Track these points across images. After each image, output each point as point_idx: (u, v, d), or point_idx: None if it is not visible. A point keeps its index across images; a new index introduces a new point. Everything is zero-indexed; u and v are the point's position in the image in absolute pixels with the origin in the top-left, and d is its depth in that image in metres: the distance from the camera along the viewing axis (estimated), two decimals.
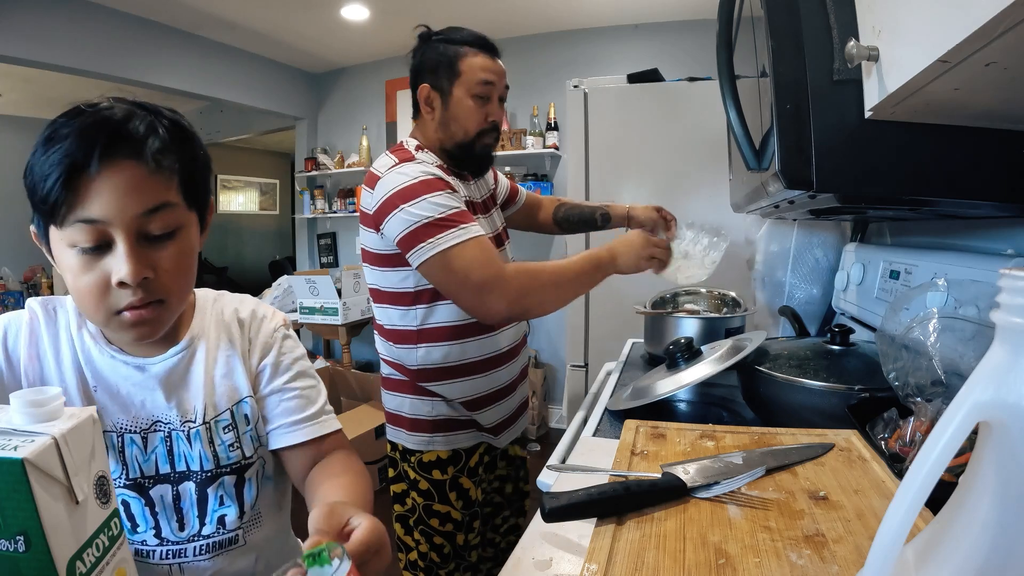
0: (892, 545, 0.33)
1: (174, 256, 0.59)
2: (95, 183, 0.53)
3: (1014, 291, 0.31)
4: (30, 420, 0.34)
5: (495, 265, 0.99)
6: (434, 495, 1.17)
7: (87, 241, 0.54)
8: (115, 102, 0.57)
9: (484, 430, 1.19)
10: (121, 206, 0.54)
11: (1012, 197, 0.68)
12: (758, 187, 0.95)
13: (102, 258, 0.55)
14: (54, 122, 0.54)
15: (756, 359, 0.91)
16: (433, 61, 1.14)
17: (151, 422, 0.64)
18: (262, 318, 0.75)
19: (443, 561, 1.19)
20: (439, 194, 1.00)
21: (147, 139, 0.55)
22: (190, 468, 0.65)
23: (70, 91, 4.41)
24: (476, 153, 1.14)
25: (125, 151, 0.54)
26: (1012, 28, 0.37)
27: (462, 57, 1.11)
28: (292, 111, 4.10)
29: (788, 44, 0.70)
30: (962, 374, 0.61)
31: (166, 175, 0.57)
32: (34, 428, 0.33)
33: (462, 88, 1.10)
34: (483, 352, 1.15)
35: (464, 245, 0.98)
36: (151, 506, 0.64)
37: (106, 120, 0.54)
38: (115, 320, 0.58)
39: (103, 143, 0.52)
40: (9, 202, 4.51)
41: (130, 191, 0.54)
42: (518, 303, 0.99)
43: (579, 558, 0.52)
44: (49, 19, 2.67)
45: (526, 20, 3.28)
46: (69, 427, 0.34)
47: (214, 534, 0.66)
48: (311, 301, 3.26)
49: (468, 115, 1.11)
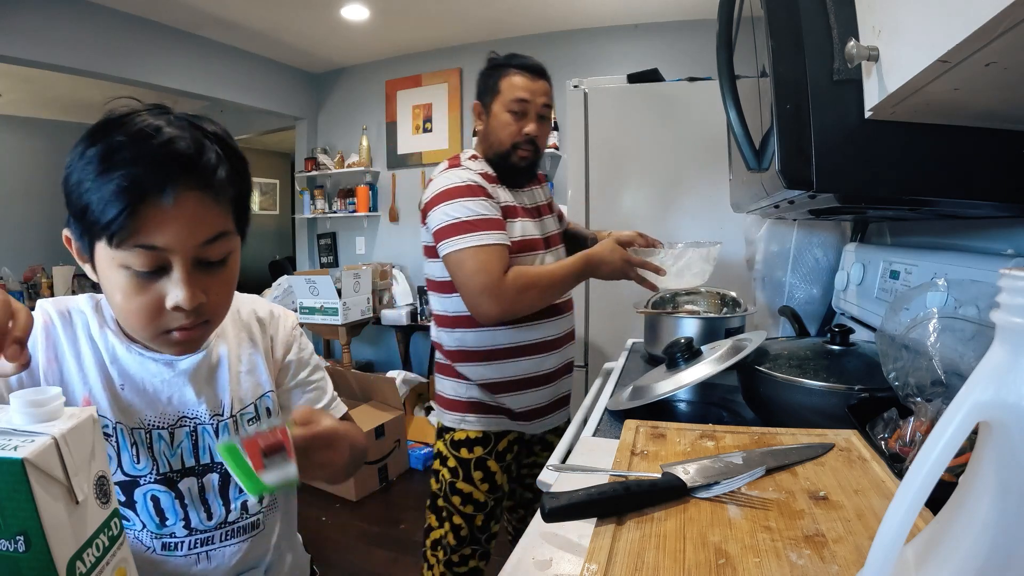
0: (892, 545, 0.33)
1: (225, 281, 0.61)
2: (162, 212, 0.53)
3: (1014, 291, 0.31)
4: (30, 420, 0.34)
5: (496, 274, 1.12)
6: (459, 473, 1.28)
7: (144, 266, 0.55)
8: (175, 124, 0.56)
9: (515, 417, 1.29)
10: (185, 236, 0.55)
11: (1012, 197, 0.68)
12: (758, 187, 0.95)
13: (156, 281, 0.56)
14: (107, 137, 0.53)
15: (756, 359, 0.91)
16: (483, 81, 1.28)
17: (178, 417, 0.66)
18: (279, 317, 0.79)
19: (459, 543, 1.29)
20: (473, 199, 1.16)
21: (216, 170, 0.56)
22: (214, 460, 0.68)
23: (70, 91, 4.42)
24: (512, 164, 1.26)
25: (195, 183, 0.54)
26: (1012, 28, 0.37)
27: (503, 77, 1.24)
28: (292, 111, 4.10)
29: (788, 44, 0.70)
30: (962, 374, 0.61)
31: (225, 205, 0.58)
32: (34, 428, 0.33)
33: (500, 104, 1.24)
34: (512, 341, 1.26)
35: (479, 249, 1.13)
36: (180, 499, 0.65)
37: (177, 152, 0.53)
38: (162, 338, 0.59)
39: (176, 175, 0.53)
40: (9, 202, 4.52)
41: (195, 221, 0.55)
42: (509, 311, 1.15)
43: (579, 558, 0.52)
44: (49, 19, 2.67)
45: (526, 20, 3.28)
46: (69, 427, 0.34)
47: (239, 519, 0.69)
48: (311, 301, 3.26)
49: (503, 128, 1.23)
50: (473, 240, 1.13)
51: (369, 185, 3.98)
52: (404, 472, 2.93)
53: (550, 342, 1.31)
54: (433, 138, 3.80)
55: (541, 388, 1.31)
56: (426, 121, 3.82)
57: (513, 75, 1.23)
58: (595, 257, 1.20)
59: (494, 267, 1.13)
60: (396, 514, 2.50)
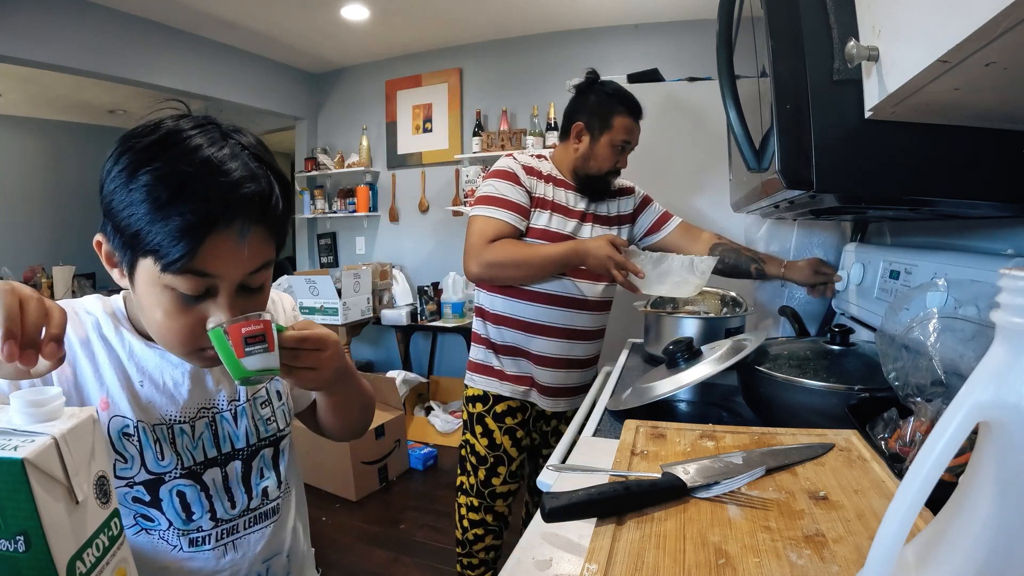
0: (892, 545, 0.33)
1: (261, 302, 0.62)
2: (220, 243, 0.53)
3: (1014, 291, 0.31)
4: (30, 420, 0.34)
5: (482, 240, 1.32)
6: (469, 426, 1.49)
7: (191, 291, 0.55)
8: (234, 153, 0.55)
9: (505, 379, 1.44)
10: (236, 266, 0.56)
11: (1012, 197, 0.68)
12: (758, 187, 0.95)
13: (199, 304, 0.57)
14: (164, 161, 0.52)
15: (756, 359, 0.91)
16: (593, 106, 1.41)
17: (198, 409, 0.66)
18: (278, 301, 0.81)
19: (469, 490, 1.49)
20: (501, 181, 1.37)
21: (274, 210, 0.57)
22: (235, 447, 0.69)
23: (70, 91, 4.41)
24: (599, 185, 1.45)
25: (258, 218, 0.55)
26: (1012, 28, 0.37)
27: (616, 114, 1.39)
28: (292, 111, 4.10)
29: (788, 44, 0.70)
30: (962, 374, 0.61)
31: (271, 234, 0.59)
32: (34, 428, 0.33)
33: (608, 137, 1.39)
34: (533, 317, 1.42)
35: (481, 219, 1.35)
36: (205, 491, 0.66)
37: (253, 194, 0.54)
38: (196, 355, 0.60)
39: (249, 215, 0.54)
40: (9, 202, 4.52)
41: (253, 254, 0.56)
42: (485, 271, 1.34)
43: (579, 558, 0.52)
44: (49, 19, 2.67)
45: (526, 20, 3.28)
46: (69, 427, 0.34)
47: (261, 505, 0.71)
48: (311, 301, 3.26)
49: (606, 158, 1.41)
50: (482, 211, 1.35)
51: (369, 185, 3.98)
52: (404, 472, 2.92)
53: (564, 330, 1.42)
54: (433, 138, 3.80)
55: (548, 368, 1.44)
56: (426, 121, 3.82)
57: (624, 116, 1.39)
58: (583, 248, 1.30)
59: (485, 234, 1.32)
60: (396, 514, 2.50)
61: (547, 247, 1.33)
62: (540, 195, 1.40)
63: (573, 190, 1.45)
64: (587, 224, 1.45)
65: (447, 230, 3.79)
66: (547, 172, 1.43)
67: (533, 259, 1.33)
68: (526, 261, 1.33)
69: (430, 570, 2.10)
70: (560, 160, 1.47)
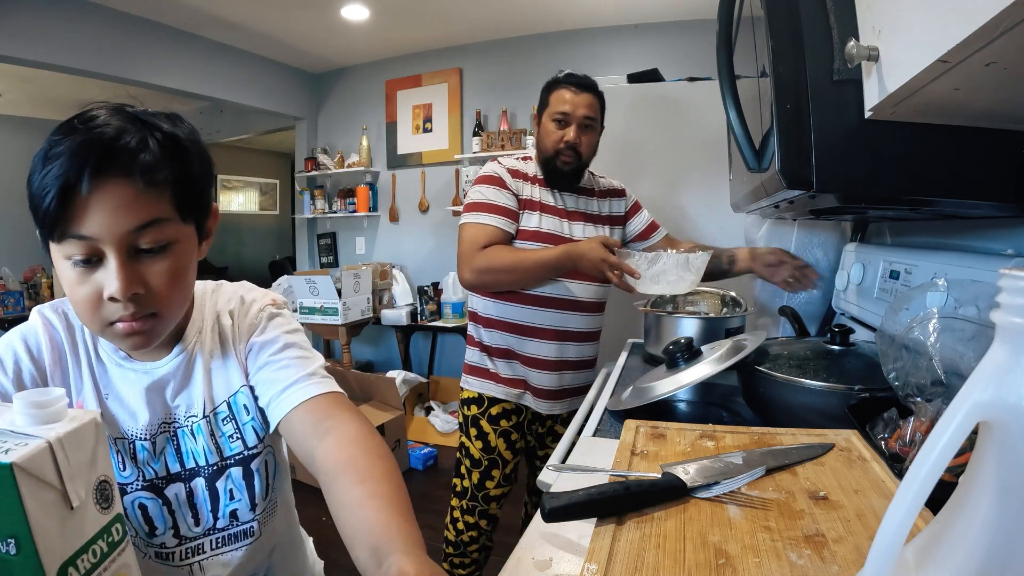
0: (892, 545, 0.33)
1: (166, 271, 0.58)
2: (87, 201, 0.53)
3: (1014, 291, 0.31)
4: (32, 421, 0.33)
5: (474, 246, 1.33)
6: (464, 428, 1.49)
7: (80, 254, 0.55)
8: (112, 115, 0.55)
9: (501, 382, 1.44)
10: (111, 224, 0.54)
11: (1012, 197, 0.68)
12: (758, 187, 0.95)
13: (96, 271, 0.56)
14: (51, 138, 0.54)
15: (756, 359, 0.91)
16: (541, 96, 1.45)
17: (159, 423, 0.65)
18: (250, 302, 0.73)
19: (462, 493, 1.48)
20: (488, 187, 1.38)
21: (137, 156, 0.54)
22: (198, 464, 0.66)
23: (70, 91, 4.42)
24: (556, 168, 1.41)
25: (115, 170, 0.53)
26: (1012, 28, 0.37)
27: (552, 91, 1.41)
28: (292, 111, 4.10)
29: (788, 44, 0.70)
30: (962, 374, 0.61)
31: (157, 191, 0.56)
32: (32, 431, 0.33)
33: (547, 115, 1.41)
34: (524, 319, 1.42)
35: (471, 226, 1.35)
36: (168, 505, 0.65)
37: (96, 139, 0.53)
38: (109, 331, 0.58)
39: (93, 163, 0.52)
40: (9, 202, 4.51)
41: (120, 209, 0.54)
42: (478, 277, 1.34)
43: (579, 558, 0.52)
44: (49, 19, 2.67)
45: (526, 20, 3.28)
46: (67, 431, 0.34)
47: (228, 527, 0.68)
48: (311, 301, 3.26)
49: (547, 136, 1.40)
50: (472, 218, 1.36)
51: (369, 185, 3.98)
52: (404, 472, 2.93)
53: (555, 332, 1.42)
54: (433, 138, 3.80)
55: (539, 370, 1.43)
56: (426, 121, 3.82)
57: (560, 89, 1.39)
58: (575, 251, 1.28)
59: (477, 241, 1.33)
60: None
61: (540, 252, 1.33)
62: (527, 197, 1.40)
63: (548, 186, 1.45)
64: (578, 223, 1.45)
65: (447, 230, 3.79)
66: (532, 173, 1.44)
67: (525, 263, 1.32)
68: (518, 266, 1.32)
69: None
70: (535, 159, 1.48)
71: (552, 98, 1.40)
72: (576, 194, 1.48)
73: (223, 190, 6.29)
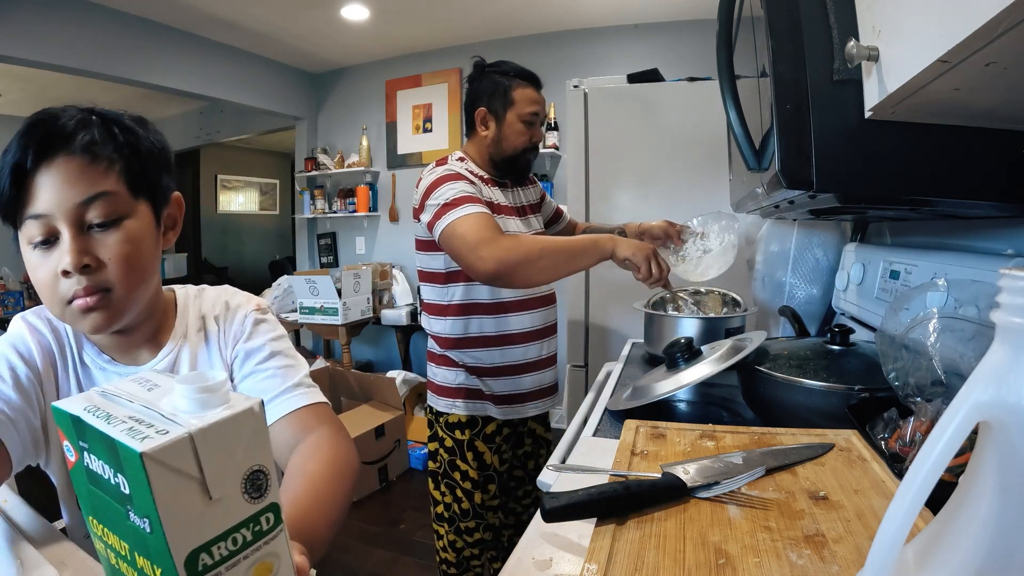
0: (892, 545, 0.33)
1: (118, 245, 0.60)
2: (36, 180, 0.57)
3: (1014, 291, 0.31)
4: (195, 406, 0.32)
5: (490, 231, 1.17)
6: (456, 452, 1.41)
7: (38, 235, 0.58)
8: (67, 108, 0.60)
9: (498, 402, 1.39)
10: (59, 198, 0.57)
11: (1012, 197, 0.68)
12: (758, 187, 0.95)
13: (53, 250, 0.58)
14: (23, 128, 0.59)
15: (756, 359, 0.91)
16: (490, 89, 1.38)
17: None
18: (235, 308, 0.73)
19: (463, 515, 1.43)
20: (457, 182, 1.25)
21: (77, 133, 0.58)
22: None
23: (70, 91, 4.43)
24: (520, 165, 1.41)
25: (58, 147, 0.57)
26: (1012, 28, 0.37)
27: (515, 88, 1.36)
28: (292, 111, 4.10)
29: (788, 44, 0.70)
30: (962, 374, 0.61)
31: (103, 165, 0.59)
32: (183, 418, 0.32)
33: (514, 114, 1.36)
34: (498, 329, 1.38)
35: (466, 217, 1.19)
36: None
37: (40, 120, 0.58)
38: (68, 311, 0.60)
39: (37, 141, 0.56)
40: None
41: (67, 183, 0.57)
42: (504, 261, 1.12)
43: (579, 558, 0.52)
44: (48, 19, 2.67)
45: (526, 20, 3.28)
46: (217, 419, 0.32)
47: None
48: (311, 301, 3.26)
49: (518, 136, 1.37)
50: (460, 212, 1.20)
51: (369, 185, 3.98)
52: (404, 472, 2.92)
53: (529, 334, 1.41)
54: (433, 138, 3.80)
55: (520, 376, 1.42)
56: (426, 121, 3.82)
57: (523, 87, 1.36)
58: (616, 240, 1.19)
59: (485, 225, 1.18)
60: (396, 514, 2.50)
61: (567, 239, 1.20)
62: (494, 200, 1.35)
63: (497, 184, 1.41)
64: (531, 216, 1.46)
65: None
66: (479, 173, 1.37)
67: (551, 250, 1.16)
68: (541, 250, 1.15)
69: (430, 570, 2.10)
70: (476, 156, 1.41)
71: (518, 96, 1.35)
72: (522, 187, 1.49)
73: (223, 190, 6.29)
